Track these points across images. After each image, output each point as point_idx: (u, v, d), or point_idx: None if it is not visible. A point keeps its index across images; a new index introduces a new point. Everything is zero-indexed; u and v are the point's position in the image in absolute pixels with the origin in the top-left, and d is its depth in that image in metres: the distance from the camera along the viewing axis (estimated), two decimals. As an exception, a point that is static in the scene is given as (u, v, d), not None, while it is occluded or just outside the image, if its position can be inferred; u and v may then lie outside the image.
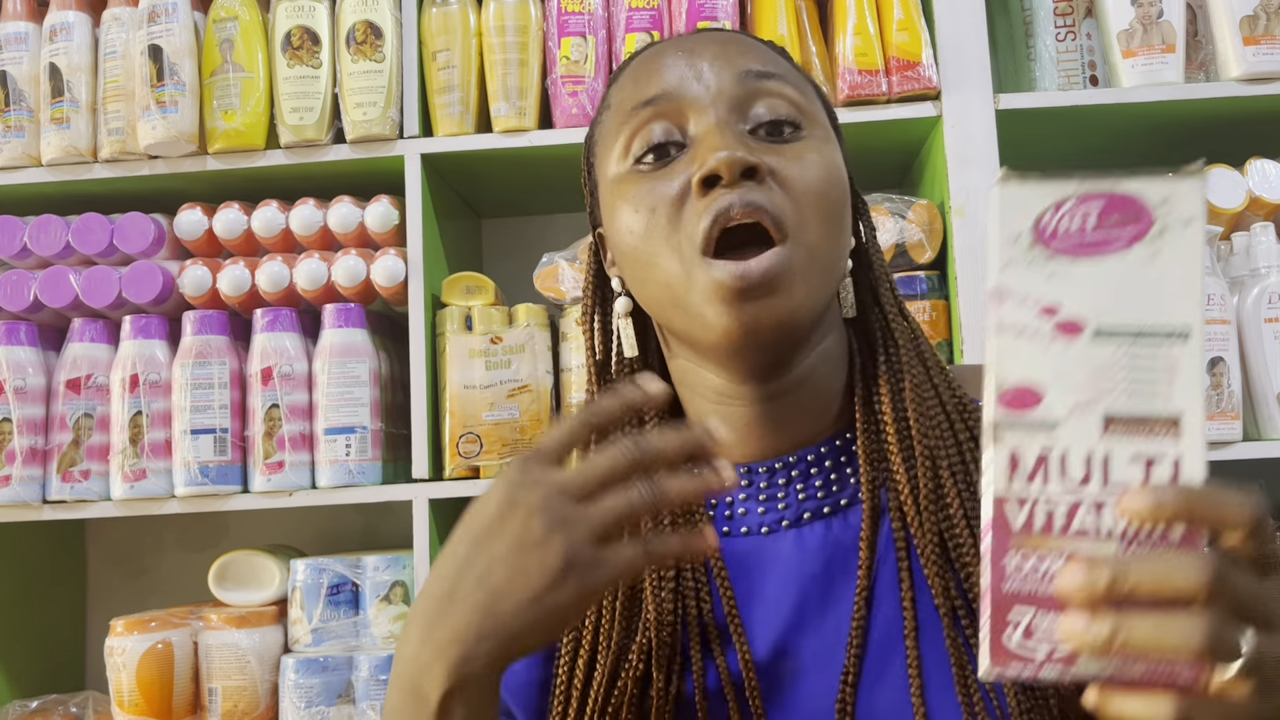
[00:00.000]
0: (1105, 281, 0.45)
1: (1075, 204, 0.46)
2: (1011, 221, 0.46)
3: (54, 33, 1.44)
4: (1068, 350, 0.45)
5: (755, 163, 0.61)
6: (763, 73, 0.66)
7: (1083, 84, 1.43)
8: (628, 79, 0.70)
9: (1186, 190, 0.45)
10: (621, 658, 0.65)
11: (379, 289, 1.39)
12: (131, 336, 1.38)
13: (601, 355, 0.73)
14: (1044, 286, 0.46)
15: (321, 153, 1.41)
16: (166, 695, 1.36)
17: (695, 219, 0.62)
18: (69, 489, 1.36)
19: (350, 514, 1.67)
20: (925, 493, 0.64)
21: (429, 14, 1.42)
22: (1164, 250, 0.45)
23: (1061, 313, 0.46)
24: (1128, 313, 0.45)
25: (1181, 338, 0.45)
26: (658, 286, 0.65)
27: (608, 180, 0.68)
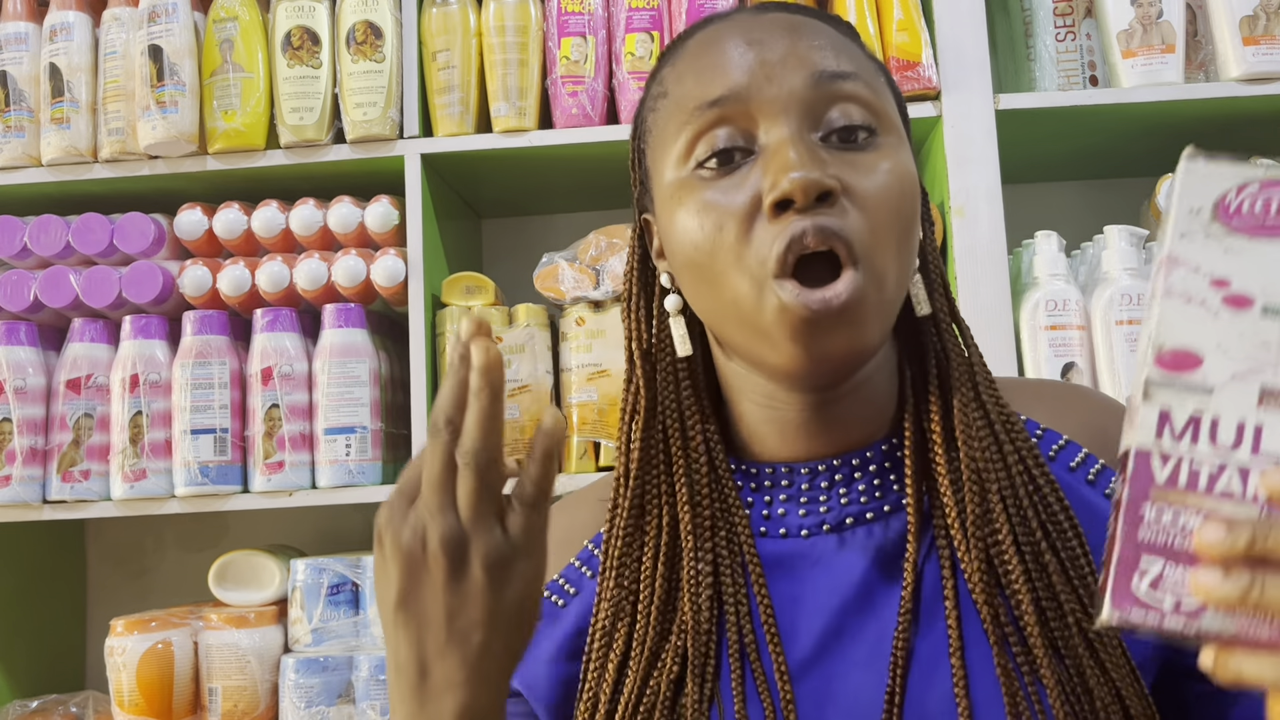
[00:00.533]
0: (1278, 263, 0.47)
1: (1260, 188, 0.47)
2: (1193, 196, 0.48)
3: (54, 33, 1.44)
4: (1234, 322, 0.47)
5: (831, 186, 0.59)
6: (837, 73, 0.62)
7: (1082, 84, 1.43)
8: (688, 69, 0.65)
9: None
10: (654, 662, 0.63)
11: (379, 289, 1.39)
12: (132, 336, 1.38)
13: (648, 345, 0.70)
14: (1218, 260, 0.47)
15: (321, 153, 1.41)
16: (166, 695, 1.36)
17: (767, 241, 0.59)
18: (69, 489, 1.37)
19: (350, 514, 1.67)
20: (973, 515, 0.62)
21: (429, 14, 1.42)
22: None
23: (1232, 286, 0.47)
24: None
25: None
26: (723, 304, 0.62)
27: (665, 181, 0.65)
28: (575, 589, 0.70)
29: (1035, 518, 0.62)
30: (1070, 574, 0.61)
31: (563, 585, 0.70)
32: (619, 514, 0.67)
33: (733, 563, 0.65)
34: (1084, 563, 0.62)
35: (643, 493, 0.67)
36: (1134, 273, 1.31)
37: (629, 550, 0.66)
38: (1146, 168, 1.52)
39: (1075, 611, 0.60)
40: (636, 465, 0.67)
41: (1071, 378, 1.29)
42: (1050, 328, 1.30)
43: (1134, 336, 1.29)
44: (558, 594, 0.70)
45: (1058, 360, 1.30)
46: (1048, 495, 0.63)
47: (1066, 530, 0.63)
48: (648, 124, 0.68)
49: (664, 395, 0.69)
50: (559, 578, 0.70)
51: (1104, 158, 1.58)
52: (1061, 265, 1.33)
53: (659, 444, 0.68)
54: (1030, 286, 1.34)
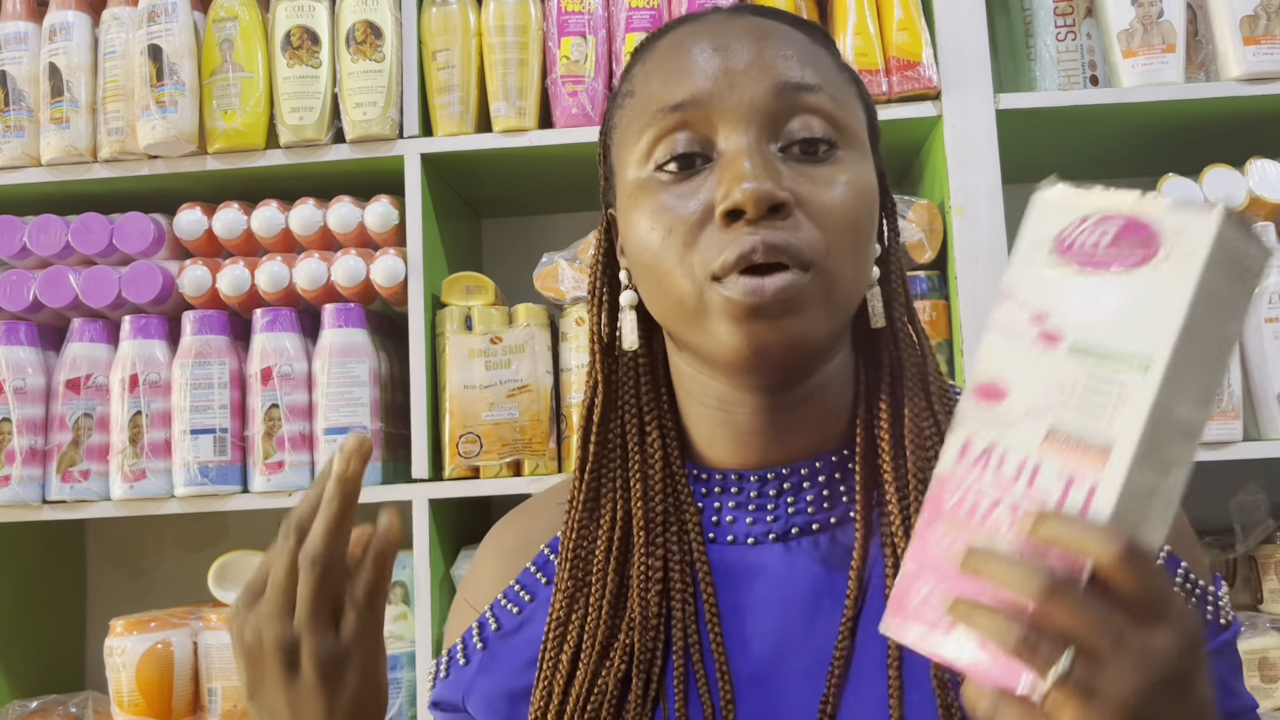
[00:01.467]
0: (1098, 299, 0.45)
1: (1098, 220, 0.46)
2: (1039, 226, 0.48)
3: (54, 32, 1.44)
4: (1042, 358, 0.46)
5: (783, 199, 0.59)
6: (800, 84, 0.62)
7: (1083, 84, 1.43)
8: (655, 69, 0.66)
9: (1201, 224, 0.44)
10: (604, 656, 0.64)
11: (379, 289, 1.39)
12: (131, 336, 1.38)
13: (607, 340, 0.71)
14: (1044, 293, 0.47)
15: (321, 152, 1.41)
16: (166, 695, 1.36)
17: (715, 250, 0.60)
18: (69, 489, 1.36)
19: (350, 514, 1.67)
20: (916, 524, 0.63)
21: (429, 14, 1.42)
22: (1160, 279, 0.44)
23: (1049, 321, 0.47)
24: (1105, 334, 0.45)
25: (1142, 369, 0.44)
26: (669, 302, 0.63)
27: (626, 180, 0.65)
28: (531, 595, 0.70)
29: None
30: None
31: (518, 592, 0.71)
32: (574, 506, 0.68)
33: (682, 561, 0.65)
34: None
35: (598, 486, 0.68)
36: (1134, 273, 1.30)
37: (583, 543, 0.67)
38: (1147, 168, 1.51)
39: None
40: (593, 459, 0.69)
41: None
42: (1050, 328, 1.30)
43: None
44: (513, 601, 0.70)
45: (1058, 360, 1.29)
46: None
47: None
48: (614, 120, 0.69)
49: (623, 390, 0.70)
50: (515, 584, 0.71)
51: (1104, 158, 1.58)
52: (1062, 265, 1.32)
53: (617, 438, 0.69)
54: (1030, 286, 1.34)
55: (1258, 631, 1.30)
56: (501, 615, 0.70)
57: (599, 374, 0.70)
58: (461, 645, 0.71)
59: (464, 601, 0.74)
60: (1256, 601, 1.39)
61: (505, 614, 0.70)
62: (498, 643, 0.69)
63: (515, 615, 0.70)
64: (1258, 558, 1.38)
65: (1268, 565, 1.37)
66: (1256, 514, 1.40)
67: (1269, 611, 1.36)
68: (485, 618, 0.70)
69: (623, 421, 0.69)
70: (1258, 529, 1.39)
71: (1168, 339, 0.43)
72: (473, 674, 0.69)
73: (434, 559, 1.34)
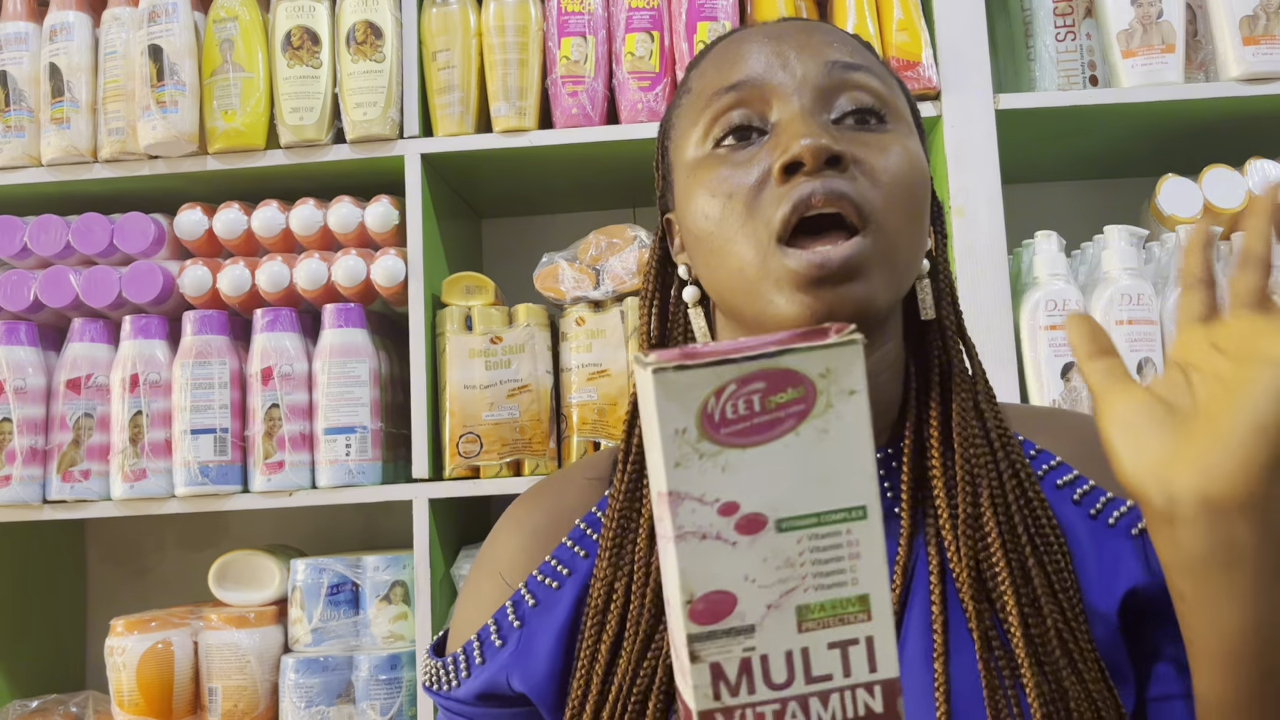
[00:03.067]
0: (779, 468, 0.43)
1: (737, 387, 0.42)
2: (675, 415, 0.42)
3: (54, 32, 1.44)
4: (753, 548, 0.43)
5: (840, 150, 0.60)
6: (849, 64, 0.64)
7: (1083, 84, 1.43)
8: (710, 65, 0.68)
9: (845, 359, 0.43)
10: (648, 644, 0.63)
11: (379, 289, 1.39)
12: (131, 336, 1.38)
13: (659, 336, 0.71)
14: (719, 482, 0.43)
15: (321, 153, 1.41)
16: (166, 695, 1.36)
17: (774, 205, 0.60)
18: (69, 489, 1.37)
19: (350, 514, 1.67)
20: (964, 518, 0.63)
21: (429, 14, 1.42)
22: (831, 426, 0.43)
23: (742, 509, 0.43)
24: (805, 499, 0.43)
25: (860, 517, 0.43)
26: (730, 273, 0.63)
27: (684, 164, 0.66)
28: (569, 569, 0.69)
29: (1023, 525, 0.63)
30: (1053, 583, 0.62)
31: (556, 567, 0.69)
32: (617, 494, 0.67)
33: None
34: (1066, 575, 0.63)
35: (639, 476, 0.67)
36: (1134, 272, 1.31)
37: (624, 531, 0.66)
38: (1146, 168, 1.51)
39: (1056, 620, 0.61)
40: (636, 449, 0.68)
41: (1071, 377, 1.29)
42: (1050, 328, 1.30)
43: (1134, 336, 1.29)
44: (551, 576, 0.69)
45: (1057, 360, 1.30)
46: (1036, 507, 0.64)
47: (1051, 542, 0.63)
48: (671, 121, 0.70)
49: None
50: (551, 559, 0.70)
51: (1104, 158, 1.58)
52: (1061, 265, 1.33)
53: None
54: (1030, 286, 1.34)
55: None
56: (538, 591, 0.69)
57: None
58: (495, 626, 0.69)
59: (497, 576, 0.71)
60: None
61: (542, 589, 0.69)
62: (536, 619, 0.68)
63: (554, 590, 0.68)
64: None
65: (1267, 565, 1.37)
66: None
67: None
68: (520, 595, 0.69)
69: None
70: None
71: (869, 478, 0.43)
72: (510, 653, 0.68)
73: (434, 559, 1.34)
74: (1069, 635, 0.61)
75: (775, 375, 0.43)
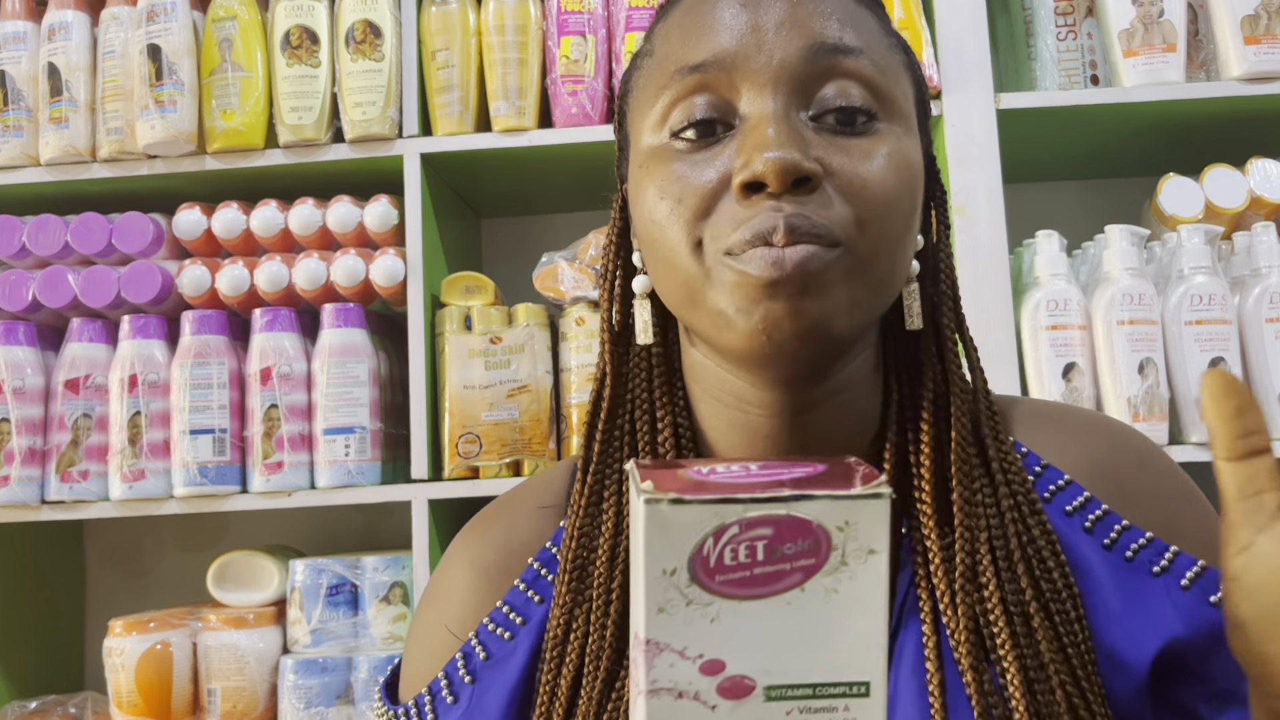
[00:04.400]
0: (777, 627, 0.38)
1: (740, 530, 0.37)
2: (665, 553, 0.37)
3: (52, 32, 1.44)
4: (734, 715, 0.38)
5: (810, 170, 0.51)
6: (839, 46, 0.54)
7: (1083, 83, 1.42)
8: (675, 25, 0.58)
9: (869, 514, 0.38)
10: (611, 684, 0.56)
11: (378, 289, 1.39)
12: (130, 336, 1.38)
13: (618, 328, 0.64)
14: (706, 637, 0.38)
15: (320, 152, 1.40)
16: (165, 696, 1.36)
17: (729, 224, 0.53)
18: (68, 489, 1.36)
19: (349, 514, 1.67)
20: (961, 567, 0.56)
21: (428, 13, 1.42)
22: (842, 586, 0.38)
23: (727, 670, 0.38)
24: (802, 666, 0.38)
25: (861, 694, 0.38)
26: (675, 283, 0.56)
27: (639, 146, 0.58)
28: (523, 618, 0.62)
29: (1026, 575, 0.56)
30: (1062, 638, 0.55)
31: (508, 614, 0.62)
32: (576, 510, 0.61)
33: None
34: (1076, 627, 0.56)
35: (601, 487, 0.61)
36: (1135, 272, 1.30)
37: (582, 552, 0.60)
38: (1147, 167, 1.51)
39: (1065, 684, 0.54)
40: (598, 457, 0.62)
41: (1072, 378, 1.29)
42: (1051, 328, 1.30)
43: (1135, 336, 1.28)
44: (502, 625, 0.62)
45: (1059, 360, 1.29)
46: (1043, 550, 0.57)
47: (1060, 590, 0.56)
48: (631, 83, 0.62)
49: (634, 383, 0.63)
50: (503, 605, 0.62)
51: (1105, 157, 1.57)
52: (1062, 265, 1.32)
53: (625, 435, 0.62)
54: (1031, 286, 1.34)
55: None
56: (490, 642, 0.62)
57: (608, 365, 0.63)
58: (446, 681, 0.62)
59: (442, 627, 0.64)
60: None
61: (494, 640, 0.62)
62: (488, 674, 0.61)
63: (507, 641, 0.62)
64: (1259, 558, 1.38)
65: (1269, 565, 1.37)
66: (1257, 514, 1.40)
67: (1270, 612, 1.36)
68: (471, 646, 0.62)
69: (632, 417, 0.62)
70: (1259, 529, 1.39)
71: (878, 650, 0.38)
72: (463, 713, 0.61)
73: (433, 560, 1.34)
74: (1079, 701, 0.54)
75: (786, 522, 0.37)
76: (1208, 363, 1.28)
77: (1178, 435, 1.30)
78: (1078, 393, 1.29)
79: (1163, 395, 1.28)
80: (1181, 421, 1.30)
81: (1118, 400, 1.28)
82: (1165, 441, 1.28)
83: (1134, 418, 1.27)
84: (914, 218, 0.57)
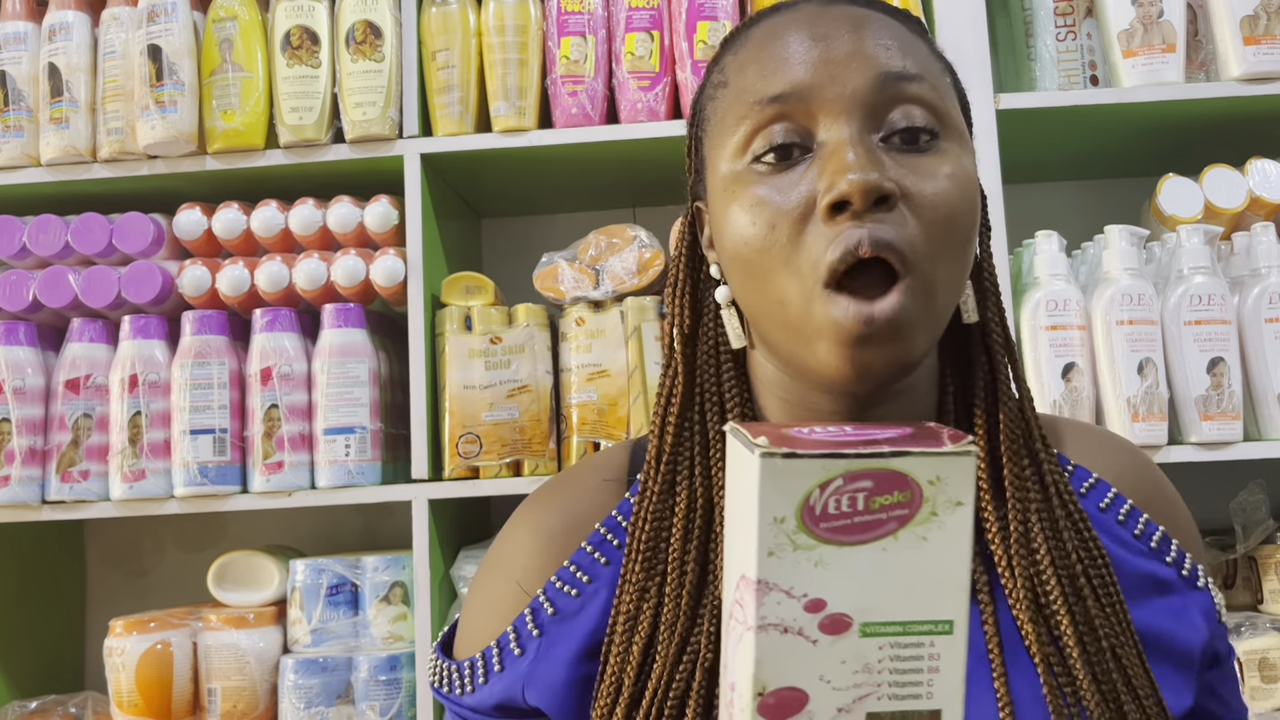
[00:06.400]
0: (873, 571, 0.42)
1: (844, 483, 0.42)
2: (775, 503, 0.42)
3: (53, 32, 1.44)
4: (833, 649, 0.42)
5: (889, 190, 0.57)
6: (903, 74, 0.60)
7: (1083, 84, 1.43)
8: (751, 59, 0.63)
9: (958, 469, 0.42)
10: (684, 647, 0.60)
11: (378, 289, 1.39)
12: (131, 336, 1.38)
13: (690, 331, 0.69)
14: (811, 578, 0.42)
15: (321, 152, 1.41)
16: (166, 696, 1.36)
17: (820, 244, 0.58)
18: (68, 489, 1.36)
19: (350, 514, 1.67)
20: (1016, 537, 0.62)
21: (428, 14, 1.42)
22: (932, 535, 0.42)
23: (828, 608, 0.42)
24: (894, 605, 0.42)
25: (945, 631, 0.42)
26: (770, 304, 0.61)
27: (720, 173, 0.63)
28: (590, 577, 0.66)
29: (1070, 543, 0.62)
30: (1103, 601, 0.61)
31: (575, 574, 0.67)
32: (648, 496, 0.65)
33: None
34: (1113, 591, 0.62)
35: (673, 476, 0.65)
36: (1134, 273, 1.30)
37: (657, 533, 0.64)
38: (1147, 168, 1.51)
39: (1109, 636, 0.60)
40: (670, 449, 0.66)
41: (1072, 378, 1.29)
42: (1051, 328, 1.30)
43: (1135, 336, 1.29)
44: (570, 584, 0.66)
45: (1058, 360, 1.29)
46: (1079, 523, 0.64)
47: (1097, 558, 0.63)
48: (706, 112, 0.67)
49: (704, 379, 0.68)
50: (569, 565, 0.67)
51: (1104, 158, 1.58)
52: (1062, 265, 1.33)
53: (695, 429, 0.67)
54: (1031, 286, 1.34)
55: (1258, 632, 1.30)
56: (558, 599, 0.66)
57: (679, 363, 0.68)
58: (515, 634, 0.66)
59: (513, 585, 0.68)
60: (1256, 602, 1.39)
61: (562, 597, 0.66)
62: (556, 628, 0.65)
63: (573, 598, 0.66)
64: (1258, 558, 1.38)
65: (1268, 565, 1.37)
66: (1257, 514, 1.40)
67: (1269, 612, 1.36)
68: (539, 603, 0.66)
69: (703, 411, 0.67)
70: (1258, 529, 1.39)
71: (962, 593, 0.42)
72: (530, 663, 0.65)
73: (434, 559, 1.34)
74: (1123, 653, 0.60)
75: (884, 476, 0.42)
76: (1207, 363, 1.29)
77: (1177, 435, 1.30)
78: (1077, 393, 1.29)
79: (1162, 395, 1.29)
80: (1181, 421, 1.30)
81: (1117, 400, 1.28)
82: (1165, 441, 1.28)
83: (1133, 418, 1.27)
84: (974, 230, 0.62)
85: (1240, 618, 1.33)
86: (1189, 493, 0.78)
